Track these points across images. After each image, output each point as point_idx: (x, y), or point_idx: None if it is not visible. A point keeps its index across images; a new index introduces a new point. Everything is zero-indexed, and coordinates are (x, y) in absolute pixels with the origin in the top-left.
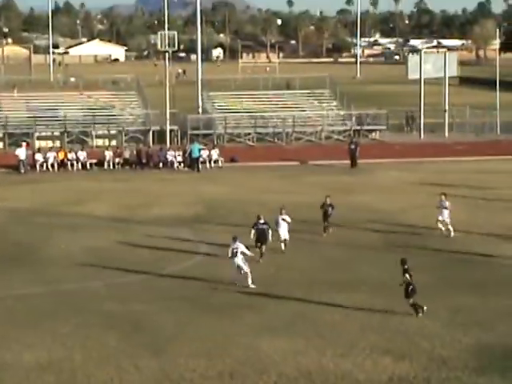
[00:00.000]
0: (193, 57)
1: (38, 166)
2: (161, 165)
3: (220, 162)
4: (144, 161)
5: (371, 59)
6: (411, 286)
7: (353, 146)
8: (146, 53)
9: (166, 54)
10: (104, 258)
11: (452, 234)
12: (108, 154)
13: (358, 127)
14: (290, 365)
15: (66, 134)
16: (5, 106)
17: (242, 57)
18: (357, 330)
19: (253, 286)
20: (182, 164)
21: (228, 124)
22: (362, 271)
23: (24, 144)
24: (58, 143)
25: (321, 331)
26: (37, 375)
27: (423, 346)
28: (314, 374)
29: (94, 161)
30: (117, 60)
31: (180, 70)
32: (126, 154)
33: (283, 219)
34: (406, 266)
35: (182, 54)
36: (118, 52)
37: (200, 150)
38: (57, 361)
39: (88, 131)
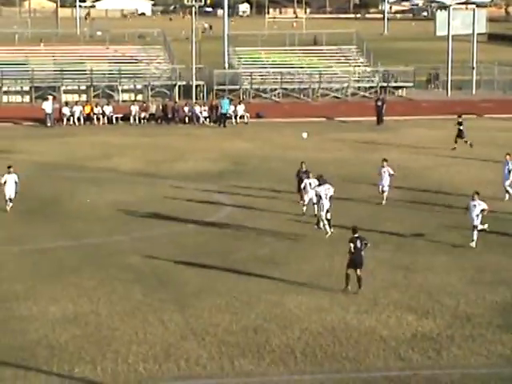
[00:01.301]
0: (219, 12)
1: (64, 120)
2: (187, 120)
3: (246, 117)
4: (170, 116)
5: (399, 15)
6: (353, 256)
7: (379, 103)
8: (172, 7)
9: (193, 9)
10: (129, 212)
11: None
12: (134, 109)
13: (385, 84)
14: (313, 321)
15: (92, 88)
16: (32, 59)
17: (268, 12)
18: (380, 287)
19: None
20: (208, 119)
21: (254, 79)
22: (385, 228)
23: (50, 98)
24: (84, 97)
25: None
26: (62, 328)
27: (447, 304)
28: (337, 329)
29: (120, 115)
30: (143, 14)
31: (206, 25)
32: (152, 109)
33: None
34: (355, 235)
35: (209, 9)
36: (144, 6)
37: (228, 105)
38: (82, 314)
39: (114, 85)
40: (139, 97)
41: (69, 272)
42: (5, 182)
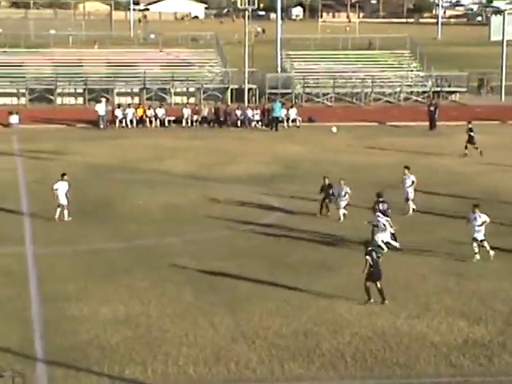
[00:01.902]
0: (272, 15)
1: (116, 122)
2: (239, 123)
3: (298, 121)
4: (222, 119)
5: (452, 20)
6: (371, 269)
7: (432, 108)
8: (225, 11)
9: (246, 12)
10: (181, 214)
11: None
12: (186, 112)
13: (438, 89)
14: (364, 325)
15: (145, 91)
16: (85, 61)
17: (321, 16)
18: (432, 292)
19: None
20: (260, 123)
21: (306, 83)
22: (438, 234)
23: (104, 100)
24: (136, 100)
25: (396, 293)
26: (114, 329)
27: (499, 310)
28: (387, 334)
29: (173, 118)
30: (196, 17)
31: (259, 29)
32: (205, 112)
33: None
34: (369, 248)
35: (262, 13)
36: (197, 9)
37: (281, 109)
38: (133, 316)
39: (167, 88)
40: (191, 100)
41: (120, 273)
42: (57, 189)
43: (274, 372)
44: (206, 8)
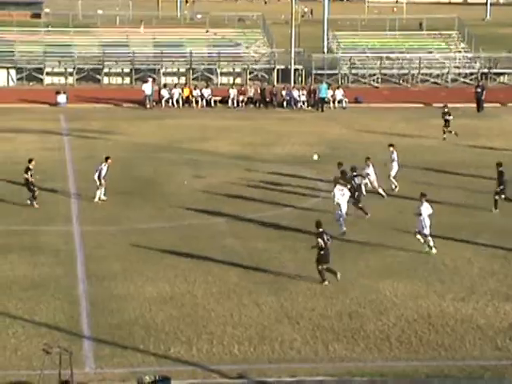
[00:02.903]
0: None
1: (163, 102)
2: (284, 104)
3: (344, 102)
4: (268, 99)
5: (502, 0)
6: (322, 252)
7: (479, 90)
8: None
9: None
10: (226, 194)
11: None
12: (232, 92)
13: (486, 70)
14: (409, 307)
15: (191, 71)
16: (132, 41)
17: None
18: (478, 275)
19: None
20: (306, 103)
21: (353, 64)
22: (483, 216)
23: (150, 80)
24: (183, 80)
25: (441, 276)
26: (159, 307)
27: None
28: (433, 317)
29: (219, 98)
30: None
31: (306, 9)
32: (250, 93)
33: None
34: (320, 230)
35: None
36: None
37: (327, 90)
38: (179, 294)
39: (213, 68)
40: (238, 80)
41: (165, 253)
42: (101, 170)
43: (318, 353)
44: None
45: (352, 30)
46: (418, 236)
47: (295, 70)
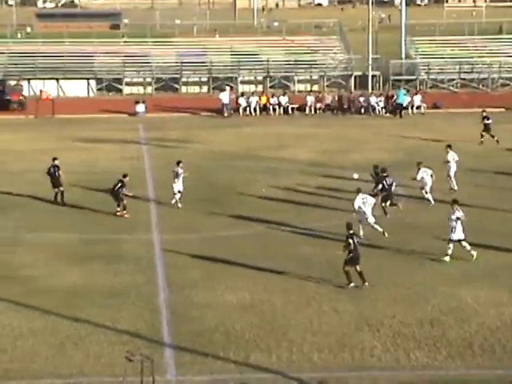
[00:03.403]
0: (397, 1)
1: (240, 110)
2: (362, 110)
3: (422, 108)
4: (345, 106)
5: None
6: (351, 254)
7: None
8: None
9: None
10: (304, 202)
11: None
12: (310, 99)
13: None
14: (491, 315)
15: (268, 79)
16: (209, 50)
17: (447, 1)
18: None
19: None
20: (384, 109)
21: (431, 70)
22: None
23: (228, 88)
24: (260, 87)
25: None
26: (239, 315)
27: None
28: None
29: (296, 106)
30: (320, 5)
31: (383, 15)
32: (328, 100)
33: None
34: (351, 231)
35: None
36: None
37: (405, 96)
38: (258, 302)
39: (290, 76)
40: (315, 87)
41: (244, 261)
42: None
43: (399, 360)
44: None
45: (430, 35)
46: (464, 243)
47: (373, 76)
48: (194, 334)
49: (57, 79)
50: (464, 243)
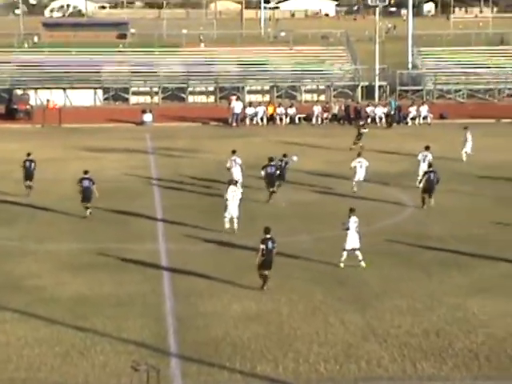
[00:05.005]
0: (403, 11)
1: (247, 120)
2: (368, 120)
3: (429, 118)
4: (352, 116)
5: None
6: (263, 258)
7: None
8: (356, 7)
9: (377, 9)
10: (310, 212)
11: None
12: (316, 109)
13: None
14: (498, 326)
15: (275, 89)
16: (216, 60)
17: (453, 11)
18: None
19: None
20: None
21: (438, 80)
22: None
23: (234, 98)
24: (267, 97)
25: None
26: (245, 325)
27: None
28: None
29: (303, 115)
30: (327, 15)
31: (390, 25)
32: (335, 110)
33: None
34: (267, 236)
35: (393, 9)
36: (328, 6)
37: (396, 105)
38: (265, 312)
39: (297, 86)
40: (321, 97)
41: (251, 270)
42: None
43: (405, 371)
44: (336, 5)
45: (437, 46)
46: (357, 252)
47: (379, 86)
48: (199, 343)
49: (63, 88)
50: (357, 252)
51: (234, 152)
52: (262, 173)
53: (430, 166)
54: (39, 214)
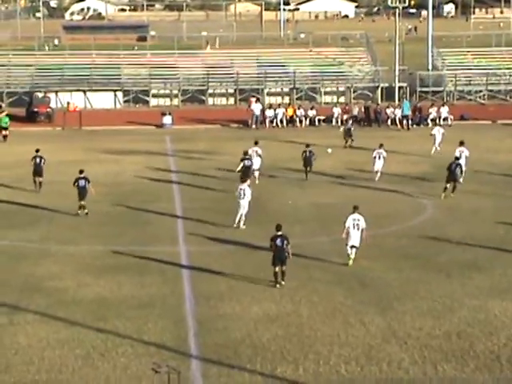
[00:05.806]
0: (424, 13)
1: (267, 122)
2: (389, 122)
3: (449, 119)
4: (372, 118)
5: None
6: (274, 254)
7: None
8: (375, 9)
9: (397, 10)
10: (329, 214)
11: None
12: (336, 111)
13: None
14: None
15: (294, 91)
16: (236, 62)
17: (474, 12)
18: None
19: None
20: (411, 121)
21: (458, 81)
22: None
23: (253, 100)
24: (287, 99)
25: None
26: (265, 327)
27: None
28: None
29: (323, 117)
30: (346, 16)
31: (410, 26)
32: (354, 111)
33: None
34: (278, 233)
35: (413, 10)
36: (347, 8)
37: (409, 107)
38: (285, 314)
39: (316, 88)
40: (341, 99)
41: (270, 272)
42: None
43: (426, 373)
44: (356, 7)
45: (457, 47)
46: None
47: (399, 87)
48: (220, 345)
49: (84, 91)
50: (353, 250)
51: (256, 143)
52: (241, 165)
53: (457, 158)
54: (60, 216)
